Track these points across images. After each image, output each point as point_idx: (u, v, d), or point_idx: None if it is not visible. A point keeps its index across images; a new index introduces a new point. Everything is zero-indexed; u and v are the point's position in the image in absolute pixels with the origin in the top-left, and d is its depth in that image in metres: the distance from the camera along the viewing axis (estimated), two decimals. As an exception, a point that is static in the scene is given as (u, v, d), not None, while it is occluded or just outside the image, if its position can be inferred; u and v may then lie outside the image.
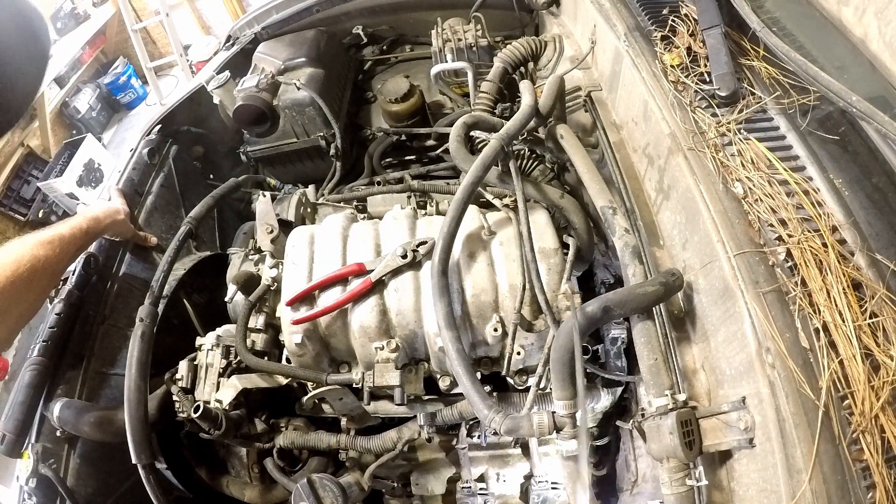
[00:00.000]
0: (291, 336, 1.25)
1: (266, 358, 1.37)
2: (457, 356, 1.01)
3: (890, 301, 0.89)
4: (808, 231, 0.95)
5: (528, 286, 1.18)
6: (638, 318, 0.99)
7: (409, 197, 1.67)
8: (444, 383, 1.32)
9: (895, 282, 0.91)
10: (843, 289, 0.89)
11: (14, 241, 1.27)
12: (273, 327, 1.42)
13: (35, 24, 0.86)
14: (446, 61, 1.93)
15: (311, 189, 1.77)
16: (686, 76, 1.21)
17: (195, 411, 1.25)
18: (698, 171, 1.06)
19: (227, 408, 1.30)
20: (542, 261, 1.21)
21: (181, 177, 2.01)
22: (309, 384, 1.35)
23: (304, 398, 1.36)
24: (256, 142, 2.08)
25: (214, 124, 2.18)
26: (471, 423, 1.50)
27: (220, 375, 1.36)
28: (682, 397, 0.93)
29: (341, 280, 1.26)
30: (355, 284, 1.23)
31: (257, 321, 1.39)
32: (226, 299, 1.51)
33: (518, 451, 1.57)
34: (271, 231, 1.50)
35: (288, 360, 1.36)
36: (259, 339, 1.38)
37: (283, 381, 1.37)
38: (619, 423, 1.40)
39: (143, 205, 1.83)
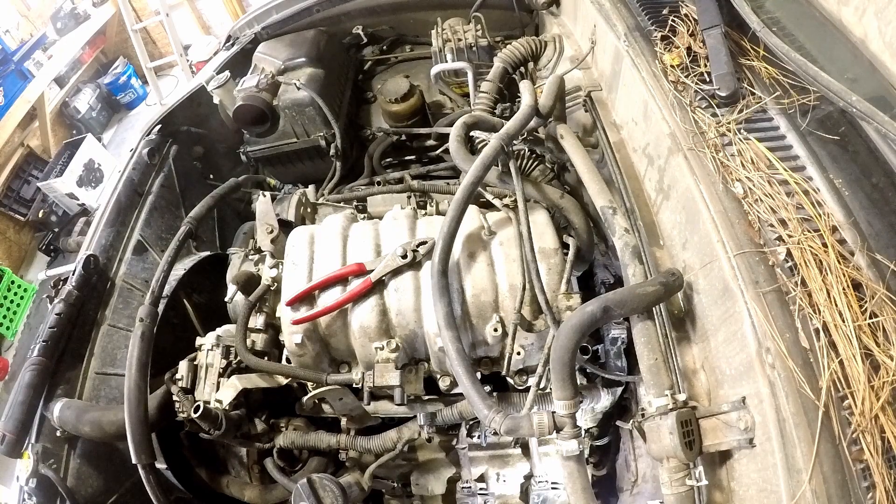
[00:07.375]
0: (291, 336, 1.25)
1: (266, 358, 1.37)
2: (457, 356, 1.01)
3: (890, 301, 0.88)
4: (808, 231, 0.95)
5: (528, 286, 1.18)
6: (638, 318, 0.99)
7: (409, 197, 1.67)
8: (444, 383, 1.32)
9: (895, 282, 0.91)
10: (843, 289, 0.89)
11: None
12: (273, 327, 1.42)
13: None
14: (446, 61, 1.93)
15: (311, 189, 1.77)
16: (686, 76, 1.20)
17: (195, 411, 1.24)
18: (698, 171, 1.06)
19: (227, 408, 1.30)
20: (542, 261, 1.21)
21: (181, 177, 2.02)
22: (309, 384, 1.35)
23: (304, 398, 1.36)
24: (256, 142, 2.08)
25: (214, 124, 2.18)
26: (471, 423, 1.50)
27: (220, 375, 1.36)
28: (682, 397, 0.93)
29: (341, 280, 1.26)
30: (355, 284, 1.23)
31: (257, 321, 1.39)
32: (226, 299, 1.52)
33: (518, 451, 1.57)
34: (271, 231, 1.50)
35: (288, 360, 1.36)
36: (259, 339, 1.38)
37: (283, 381, 1.37)
38: (619, 423, 1.40)
39: (143, 205, 1.83)
